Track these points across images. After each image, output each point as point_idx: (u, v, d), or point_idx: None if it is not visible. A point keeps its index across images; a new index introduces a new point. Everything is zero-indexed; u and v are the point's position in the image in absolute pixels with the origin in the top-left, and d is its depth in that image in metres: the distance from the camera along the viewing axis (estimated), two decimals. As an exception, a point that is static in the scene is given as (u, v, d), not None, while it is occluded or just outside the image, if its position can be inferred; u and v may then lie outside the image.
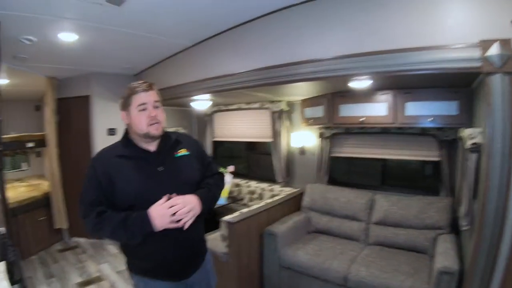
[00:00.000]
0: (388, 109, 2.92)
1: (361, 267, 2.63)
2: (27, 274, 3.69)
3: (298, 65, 2.51)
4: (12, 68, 3.68)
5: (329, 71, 2.36)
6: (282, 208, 3.47)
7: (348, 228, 3.29)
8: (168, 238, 1.50)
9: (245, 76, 2.91)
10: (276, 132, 4.13)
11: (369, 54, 2.16)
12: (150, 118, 1.50)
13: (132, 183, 1.48)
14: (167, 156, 1.60)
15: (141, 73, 4.69)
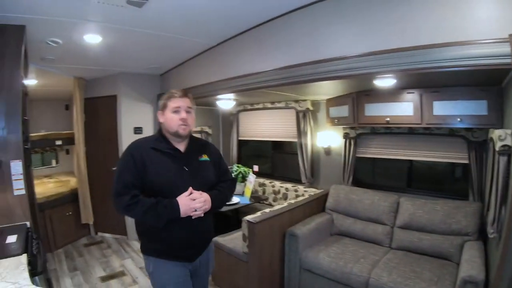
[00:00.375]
0: (415, 109, 2.85)
1: (383, 272, 2.57)
2: (52, 266, 3.88)
3: (322, 63, 2.49)
4: (41, 69, 3.87)
5: (354, 69, 2.33)
6: (305, 209, 3.44)
7: (371, 231, 3.23)
8: (185, 225, 1.75)
9: (269, 75, 2.91)
10: (301, 131, 4.13)
11: (394, 51, 2.11)
12: (181, 120, 1.77)
13: (163, 174, 1.75)
14: (193, 158, 1.88)
15: (167, 73, 4.78)
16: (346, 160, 3.73)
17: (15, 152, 2.43)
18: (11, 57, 2.42)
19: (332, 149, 3.99)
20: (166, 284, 1.82)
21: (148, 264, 1.86)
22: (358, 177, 3.86)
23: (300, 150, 4.16)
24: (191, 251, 1.87)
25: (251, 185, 4.02)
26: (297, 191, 4.19)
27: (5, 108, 2.39)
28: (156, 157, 1.76)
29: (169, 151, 1.81)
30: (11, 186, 2.43)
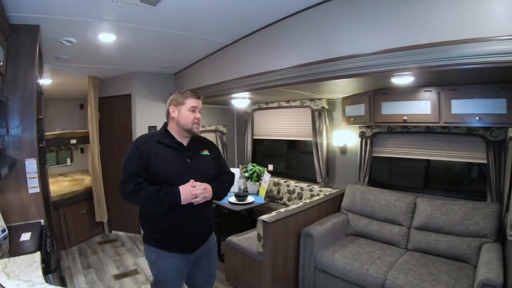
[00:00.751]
0: (432, 107, 2.80)
1: (399, 274, 2.54)
2: (66, 264, 3.94)
3: (338, 61, 2.45)
4: (56, 68, 3.92)
5: (371, 67, 2.28)
6: (320, 209, 3.43)
7: (388, 232, 3.20)
8: (186, 215, 1.89)
9: (284, 73, 2.90)
10: (316, 130, 4.11)
11: (412, 48, 2.05)
12: (196, 119, 1.96)
13: (167, 165, 1.90)
14: (195, 152, 2.03)
15: (181, 72, 4.79)
16: (362, 160, 3.70)
17: (29, 150, 2.48)
18: (25, 56, 2.46)
19: (347, 148, 3.97)
20: (166, 274, 1.97)
21: (150, 254, 1.97)
22: (374, 177, 3.82)
23: (316, 149, 4.15)
24: (192, 241, 2.00)
25: (266, 185, 4.02)
26: (312, 190, 4.18)
27: (19, 107, 2.43)
28: (161, 150, 1.91)
29: (174, 144, 1.96)
30: (25, 184, 2.47)
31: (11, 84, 2.39)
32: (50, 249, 2.20)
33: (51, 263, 2.04)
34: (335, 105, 4.07)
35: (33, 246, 2.00)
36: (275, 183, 4.74)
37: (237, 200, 3.73)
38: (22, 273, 1.62)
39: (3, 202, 2.39)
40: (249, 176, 4.22)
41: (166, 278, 1.98)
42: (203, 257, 2.09)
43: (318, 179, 4.16)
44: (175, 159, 1.93)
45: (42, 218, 2.55)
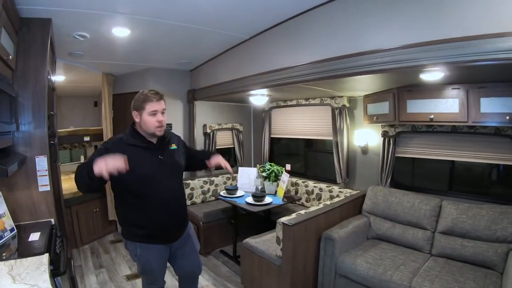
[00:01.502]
0: (460, 106, 2.68)
1: (425, 281, 2.43)
2: (78, 262, 3.93)
3: (361, 56, 2.35)
4: (70, 64, 3.91)
5: (396, 62, 2.17)
6: (342, 211, 3.32)
7: (411, 236, 3.08)
8: (164, 210, 2.03)
9: (304, 69, 2.81)
10: (337, 129, 4.00)
11: (440, 42, 1.94)
12: (158, 122, 1.99)
13: (143, 165, 1.98)
14: (165, 148, 2.14)
15: (197, 69, 4.76)
16: (385, 160, 3.57)
17: (40, 147, 2.44)
18: (36, 51, 2.42)
19: (369, 148, 3.84)
20: (152, 265, 2.11)
21: (134, 248, 2.08)
22: (396, 178, 3.69)
23: (336, 148, 4.03)
24: (172, 233, 2.16)
25: (284, 185, 3.92)
26: (332, 191, 4.08)
27: (30, 102, 2.40)
28: (134, 152, 1.94)
29: (145, 145, 2.03)
30: (36, 182, 2.44)
31: (22, 79, 2.35)
32: (60, 250, 2.16)
33: (60, 265, 2.00)
34: (356, 103, 3.95)
35: (42, 247, 1.94)
36: (293, 183, 4.66)
37: (254, 201, 3.62)
38: (28, 276, 1.56)
39: (13, 200, 2.35)
40: (267, 175, 4.12)
41: (152, 268, 2.12)
42: (185, 244, 2.26)
43: (338, 180, 4.05)
44: (148, 159, 2.02)
45: (53, 217, 2.51)
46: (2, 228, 2.09)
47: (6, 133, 2.07)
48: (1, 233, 2.06)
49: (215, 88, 4.18)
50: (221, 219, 4.29)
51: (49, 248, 2.00)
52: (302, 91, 3.76)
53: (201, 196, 4.80)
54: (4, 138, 2.05)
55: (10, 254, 1.86)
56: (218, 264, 3.91)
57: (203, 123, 4.99)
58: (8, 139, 2.15)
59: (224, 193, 4.01)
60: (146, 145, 2.03)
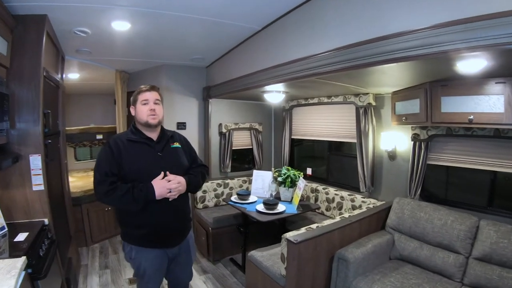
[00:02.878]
0: (507, 104, 2.26)
1: None
2: (84, 261, 4.06)
3: (384, 41, 2.06)
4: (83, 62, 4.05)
5: (425, 47, 1.86)
6: (361, 226, 3.05)
7: (440, 260, 2.74)
8: (162, 210, 2.06)
9: (321, 59, 2.57)
10: (361, 131, 3.71)
11: (480, 19, 1.60)
12: (150, 110, 2.09)
13: (139, 161, 2.05)
14: (165, 145, 2.19)
15: (212, 65, 4.68)
16: (415, 168, 3.25)
17: (34, 146, 2.50)
18: (31, 48, 2.48)
19: (397, 153, 3.52)
20: (146, 269, 2.11)
21: (130, 251, 2.12)
22: (426, 189, 3.35)
23: (360, 153, 3.75)
24: (170, 236, 2.16)
25: (300, 192, 3.69)
26: (354, 201, 3.81)
27: (25, 100, 2.46)
28: (132, 147, 2.06)
29: (143, 140, 2.11)
30: (30, 181, 2.51)
31: (17, 77, 2.41)
32: (46, 252, 2.26)
33: (42, 268, 2.06)
34: (383, 101, 3.63)
35: (23, 249, 1.99)
36: (313, 189, 4.43)
37: (266, 209, 3.45)
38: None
39: (7, 198, 2.46)
40: (283, 181, 3.93)
41: (145, 273, 2.12)
42: (181, 254, 2.28)
43: (361, 188, 3.77)
44: (146, 154, 2.09)
45: (46, 217, 2.57)
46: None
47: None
48: (-9, 232, 2.21)
49: (228, 85, 4.05)
50: (232, 225, 4.15)
51: (32, 250, 2.06)
52: (322, 87, 3.51)
53: (214, 199, 4.69)
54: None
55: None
56: (226, 274, 3.80)
57: (219, 122, 4.89)
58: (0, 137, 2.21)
59: (235, 199, 3.86)
60: (145, 140, 2.11)
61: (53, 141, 3.03)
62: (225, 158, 4.96)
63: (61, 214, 3.30)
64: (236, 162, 5.40)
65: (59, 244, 2.82)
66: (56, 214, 2.96)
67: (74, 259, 3.50)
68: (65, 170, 3.67)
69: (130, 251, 2.13)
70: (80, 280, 3.59)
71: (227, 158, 4.97)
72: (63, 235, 3.25)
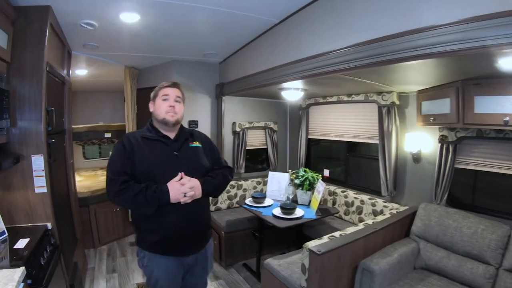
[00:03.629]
0: None
1: None
2: (91, 264, 3.97)
3: (416, 35, 1.89)
4: (91, 58, 3.94)
5: (466, 41, 1.67)
6: (385, 234, 2.86)
7: (469, 271, 2.55)
8: (178, 214, 1.89)
9: (343, 55, 2.41)
10: (384, 131, 3.52)
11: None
12: (170, 107, 1.96)
13: (152, 160, 1.90)
14: (183, 144, 2.04)
15: (226, 61, 4.54)
16: (441, 171, 3.04)
17: (36, 145, 2.37)
18: (34, 41, 2.34)
19: (422, 155, 3.31)
20: (158, 279, 1.97)
21: (143, 257, 1.99)
22: (453, 194, 3.15)
23: (382, 154, 3.55)
24: (185, 244, 1.98)
25: (319, 196, 3.51)
26: (375, 205, 3.62)
27: (26, 97, 2.33)
28: (146, 146, 1.94)
29: (159, 138, 1.98)
30: (32, 183, 2.38)
31: (18, 72, 2.28)
32: (46, 261, 2.12)
33: (43, 279, 1.94)
34: (408, 100, 3.43)
35: (22, 258, 1.85)
36: (331, 192, 4.24)
37: (283, 213, 3.28)
38: None
39: (9, 201, 2.34)
40: (300, 183, 3.74)
41: (157, 282, 1.98)
42: (198, 263, 2.10)
43: (383, 192, 3.57)
44: (161, 153, 1.94)
45: (50, 221, 2.45)
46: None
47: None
48: (-12, 237, 2.07)
49: (243, 82, 3.89)
50: (246, 229, 3.99)
51: (33, 258, 1.94)
52: (343, 84, 3.30)
53: (227, 201, 4.55)
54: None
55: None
56: (238, 280, 3.65)
57: (233, 121, 4.74)
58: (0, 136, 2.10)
59: (250, 201, 3.70)
60: (160, 138, 1.98)
61: (58, 140, 2.90)
62: (238, 158, 4.80)
63: (66, 217, 3.18)
64: (250, 162, 5.25)
65: (64, 249, 2.71)
66: (61, 217, 2.85)
67: (80, 262, 3.37)
68: (71, 170, 3.53)
69: (143, 257, 2.00)
70: (86, 284, 3.46)
71: (240, 158, 4.81)
72: (69, 238, 3.12)
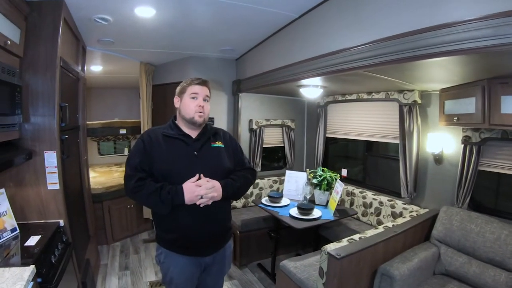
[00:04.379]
0: None
1: None
2: (104, 261, 3.99)
3: (440, 30, 1.78)
4: (106, 54, 3.94)
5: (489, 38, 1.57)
6: (406, 237, 2.77)
7: (491, 278, 2.44)
8: (195, 214, 1.85)
9: (365, 51, 2.31)
10: (405, 131, 3.41)
11: None
12: (198, 106, 1.91)
13: (171, 159, 1.86)
14: (204, 144, 1.96)
15: (243, 57, 4.48)
16: (464, 174, 2.92)
17: (49, 141, 2.35)
18: (47, 36, 2.32)
19: (444, 156, 3.19)
20: (174, 277, 1.95)
21: (160, 254, 1.99)
22: (475, 198, 3.02)
23: (403, 155, 3.44)
24: (203, 244, 1.94)
25: (337, 196, 3.40)
26: (394, 207, 3.52)
27: (39, 92, 2.31)
28: (166, 143, 1.89)
29: (179, 136, 1.92)
30: (44, 179, 2.38)
31: (31, 67, 2.26)
32: (57, 259, 2.10)
33: (54, 278, 1.93)
34: (430, 99, 3.30)
35: (33, 256, 1.84)
36: (349, 192, 4.14)
37: (300, 214, 3.21)
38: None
39: (21, 197, 2.34)
40: (318, 183, 3.66)
41: (172, 280, 1.97)
42: (214, 264, 2.05)
43: (402, 193, 3.46)
44: (180, 152, 1.89)
45: (62, 218, 2.45)
46: (1, 228, 2.06)
47: (8, 125, 2.04)
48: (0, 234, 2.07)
49: (261, 78, 3.81)
50: (262, 228, 3.94)
51: (44, 256, 1.93)
52: (363, 81, 3.20)
53: (242, 200, 4.50)
54: (6, 131, 1.99)
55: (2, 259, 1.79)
56: (253, 281, 3.60)
57: (249, 118, 4.68)
58: (11, 131, 2.09)
59: (266, 201, 3.64)
60: (181, 137, 1.92)
61: (71, 136, 2.89)
62: (255, 156, 4.74)
63: (79, 213, 3.18)
64: (266, 160, 5.19)
65: (76, 246, 2.71)
66: (74, 214, 2.85)
67: (92, 259, 3.38)
68: (85, 166, 3.53)
69: (160, 254, 1.99)
70: (98, 281, 3.46)
71: (257, 157, 4.75)
72: (81, 235, 3.12)
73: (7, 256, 1.86)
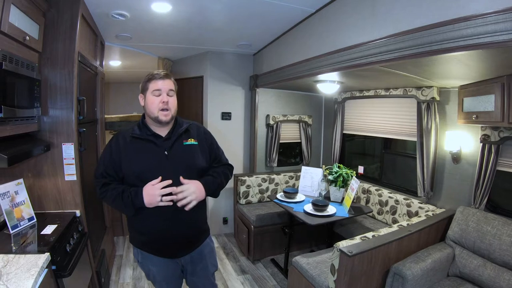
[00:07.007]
0: None
1: None
2: (119, 252, 4.06)
3: (459, 24, 1.73)
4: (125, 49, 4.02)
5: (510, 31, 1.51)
6: (420, 237, 2.73)
7: (505, 282, 2.36)
8: (167, 217, 1.82)
9: (382, 45, 2.28)
10: (423, 129, 3.35)
11: None
12: (162, 103, 1.80)
13: (138, 161, 1.81)
14: (176, 142, 1.88)
15: (260, 52, 4.49)
16: (482, 173, 2.85)
17: (67, 134, 2.44)
18: (65, 31, 2.39)
19: (462, 155, 3.12)
20: (155, 275, 1.98)
21: (137, 254, 1.98)
22: (493, 199, 2.94)
23: (420, 153, 3.38)
24: (175, 246, 1.92)
25: (353, 193, 3.38)
26: (410, 206, 3.47)
27: (57, 86, 2.39)
28: (134, 145, 1.83)
29: (148, 137, 1.84)
30: (62, 170, 2.47)
31: (49, 62, 2.35)
32: (72, 248, 2.17)
33: (68, 266, 1.98)
34: (449, 96, 3.22)
35: (48, 244, 1.92)
36: (365, 190, 4.10)
37: (315, 210, 3.20)
38: (14, 278, 1.50)
39: (39, 187, 2.45)
40: (334, 179, 3.63)
41: (155, 279, 2.00)
42: (196, 264, 2.04)
43: (419, 192, 3.41)
44: (149, 153, 1.82)
45: (78, 208, 2.54)
46: (19, 217, 2.16)
47: (27, 118, 2.13)
48: (17, 222, 2.15)
49: (277, 73, 3.83)
50: (276, 224, 3.96)
51: (59, 244, 2.01)
52: (380, 76, 3.16)
53: (258, 195, 4.52)
54: (25, 123, 2.09)
55: (16, 247, 1.87)
56: (265, 276, 3.62)
57: (266, 114, 4.70)
58: (30, 124, 2.18)
59: (281, 196, 3.63)
60: (150, 137, 1.83)
61: (89, 129, 2.99)
62: (271, 152, 4.76)
63: (96, 204, 3.27)
64: (283, 156, 5.20)
65: (92, 236, 2.80)
66: (91, 204, 2.94)
67: (108, 250, 3.48)
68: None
69: (137, 254, 1.99)
70: (113, 272, 3.56)
71: (273, 152, 4.77)
72: (97, 226, 3.21)
73: (24, 243, 1.94)
